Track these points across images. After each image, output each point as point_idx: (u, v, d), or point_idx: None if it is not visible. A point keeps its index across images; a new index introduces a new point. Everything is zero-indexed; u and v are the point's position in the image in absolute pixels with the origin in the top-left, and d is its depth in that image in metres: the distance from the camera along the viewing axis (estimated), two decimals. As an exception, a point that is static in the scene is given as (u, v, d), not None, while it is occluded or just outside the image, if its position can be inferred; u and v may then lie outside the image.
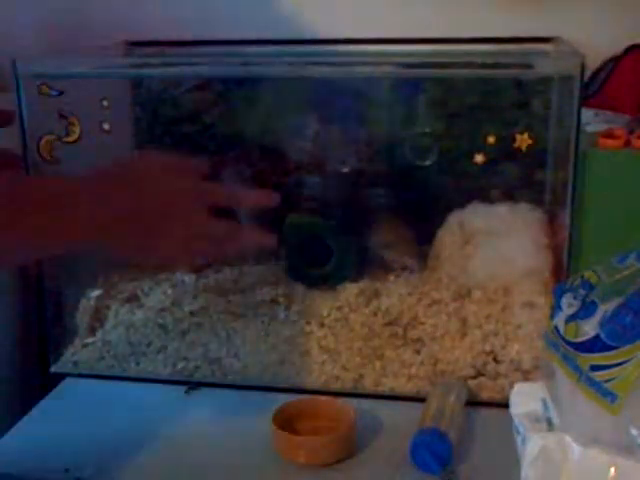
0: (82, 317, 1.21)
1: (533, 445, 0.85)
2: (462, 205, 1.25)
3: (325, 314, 1.15)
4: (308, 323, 1.15)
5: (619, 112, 1.21)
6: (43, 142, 1.10)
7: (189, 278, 1.25)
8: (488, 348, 1.09)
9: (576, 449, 0.82)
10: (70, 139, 1.10)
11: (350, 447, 0.97)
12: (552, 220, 1.21)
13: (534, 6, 1.27)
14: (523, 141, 1.01)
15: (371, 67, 1.15)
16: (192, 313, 1.18)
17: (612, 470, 0.80)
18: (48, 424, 1.06)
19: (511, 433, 0.95)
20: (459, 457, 0.95)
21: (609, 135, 1.09)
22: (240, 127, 1.38)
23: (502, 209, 1.23)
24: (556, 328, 0.87)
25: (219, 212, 0.92)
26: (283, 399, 1.02)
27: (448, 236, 1.23)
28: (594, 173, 1.06)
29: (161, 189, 0.88)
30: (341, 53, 1.30)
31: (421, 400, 1.02)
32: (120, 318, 1.20)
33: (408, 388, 1.09)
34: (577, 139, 1.01)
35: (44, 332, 1.22)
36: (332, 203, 1.31)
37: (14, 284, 1.33)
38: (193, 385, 1.14)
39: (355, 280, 1.21)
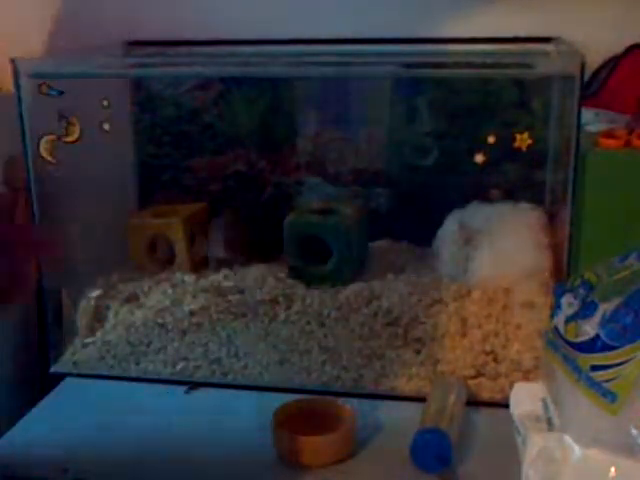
0: (82, 317, 1.21)
1: (533, 445, 0.85)
2: (462, 205, 1.25)
3: (325, 314, 1.15)
4: (308, 323, 1.15)
5: (619, 112, 1.21)
6: (43, 142, 1.10)
7: (189, 278, 1.25)
8: (488, 348, 1.09)
9: (576, 449, 0.83)
10: (70, 139, 1.10)
11: (350, 447, 0.97)
12: (552, 220, 1.21)
13: (534, 6, 1.27)
14: (523, 141, 1.01)
15: (371, 67, 1.15)
16: (192, 313, 1.18)
17: (612, 470, 0.80)
18: (48, 424, 1.06)
19: (511, 433, 0.95)
20: (459, 457, 0.95)
21: (609, 135, 1.09)
22: (240, 127, 1.38)
23: (502, 209, 1.23)
24: (556, 328, 0.87)
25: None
26: (283, 399, 1.02)
27: (448, 236, 1.23)
28: (594, 173, 1.06)
29: None
30: (341, 53, 1.30)
31: (421, 400, 1.02)
32: (120, 318, 1.20)
33: (408, 388, 1.09)
34: (577, 139, 1.01)
35: (44, 332, 1.22)
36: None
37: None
38: (193, 385, 1.14)
39: (355, 280, 1.21)
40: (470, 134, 1.23)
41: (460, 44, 1.25)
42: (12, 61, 1.09)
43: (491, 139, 1.03)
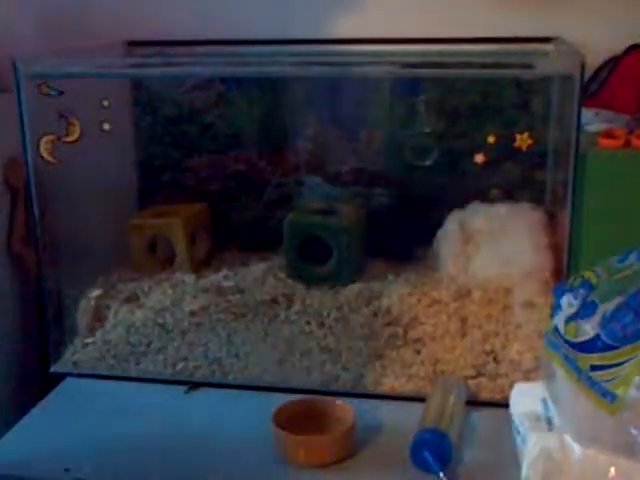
0: (82, 317, 1.21)
1: (533, 445, 0.85)
2: (462, 205, 1.25)
3: (325, 314, 1.15)
4: (308, 323, 1.15)
5: (619, 112, 1.21)
6: (43, 142, 1.10)
7: (189, 278, 1.25)
8: (488, 348, 1.09)
9: (576, 449, 0.83)
10: (70, 139, 1.10)
11: (350, 447, 0.97)
12: (552, 220, 1.21)
13: (534, 6, 1.27)
14: (523, 141, 1.01)
15: (371, 67, 1.15)
16: (192, 313, 1.18)
17: (612, 470, 0.80)
18: (48, 424, 1.06)
19: (511, 433, 0.95)
20: (459, 457, 0.95)
21: (609, 135, 1.09)
22: (240, 127, 1.38)
23: (502, 209, 1.23)
24: (556, 328, 0.87)
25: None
26: (283, 399, 1.02)
27: (448, 236, 1.23)
28: (594, 173, 1.06)
29: None
30: (341, 53, 1.30)
31: (421, 400, 1.02)
32: (120, 318, 1.20)
33: (408, 388, 1.09)
34: (577, 139, 1.01)
35: (44, 332, 1.22)
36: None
37: (14, 284, 1.33)
38: (193, 385, 1.14)
39: (355, 280, 1.21)
40: (470, 134, 1.23)
41: (460, 44, 1.25)
42: (12, 61, 1.09)
43: (491, 139, 1.03)
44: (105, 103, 1.10)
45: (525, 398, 0.96)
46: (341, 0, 1.33)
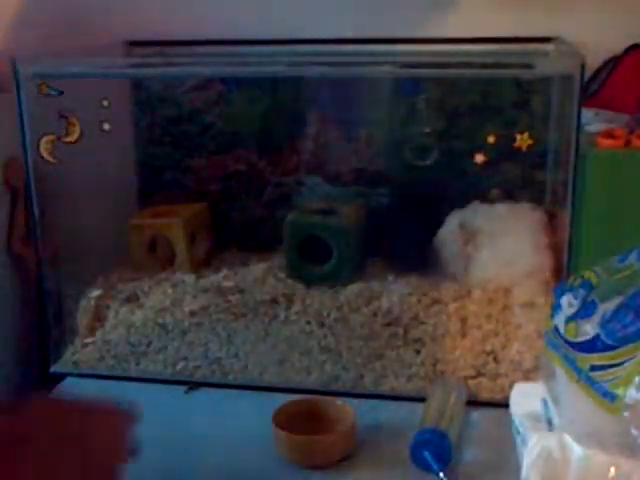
0: (82, 317, 1.21)
1: (533, 445, 0.85)
2: (462, 205, 1.25)
3: (325, 314, 1.15)
4: (308, 323, 1.15)
5: (619, 112, 1.21)
6: (43, 142, 1.10)
7: (189, 278, 1.25)
8: (488, 348, 1.09)
9: (576, 449, 0.82)
10: (70, 139, 1.10)
11: (350, 447, 0.97)
12: (552, 220, 1.21)
13: (534, 6, 1.27)
14: (523, 141, 1.01)
15: (371, 67, 1.15)
16: (192, 313, 1.18)
17: (612, 470, 0.80)
18: (48, 424, 1.06)
19: (511, 433, 0.95)
20: (459, 457, 0.95)
21: (609, 135, 1.09)
22: (240, 127, 1.38)
23: (502, 209, 1.23)
24: (556, 328, 0.87)
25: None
26: (283, 399, 1.02)
27: (448, 236, 1.23)
28: (594, 173, 1.06)
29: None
30: (341, 53, 1.30)
31: (421, 400, 1.02)
32: (120, 318, 1.20)
33: (408, 388, 1.09)
34: (577, 139, 1.01)
35: (44, 332, 1.22)
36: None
37: (14, 284, 1.33)
38: (193, 385, 1.14)
39: (355, 280, 1.21)
40: (470, 134, 1.23)
41: (460, 44, 1.25)
42: (12, 61, 1.09)
43: (491, 139, 1.03)
44: (105, 103, 1.10)
45: (525, 398, 0.96)
46: (341, 0, 1.33)
